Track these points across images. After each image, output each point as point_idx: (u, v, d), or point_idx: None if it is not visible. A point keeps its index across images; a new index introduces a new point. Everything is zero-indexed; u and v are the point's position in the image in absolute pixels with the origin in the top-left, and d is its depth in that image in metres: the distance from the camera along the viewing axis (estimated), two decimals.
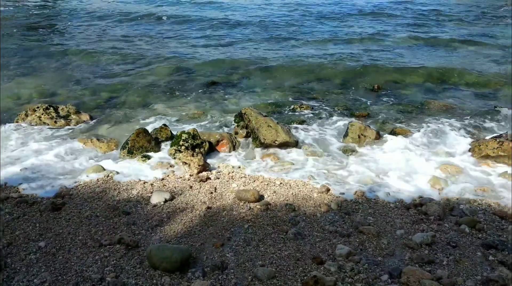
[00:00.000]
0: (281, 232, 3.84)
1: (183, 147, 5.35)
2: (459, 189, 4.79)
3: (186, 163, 5.19)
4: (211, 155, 5.68)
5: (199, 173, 5.09)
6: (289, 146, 5.85)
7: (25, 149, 5.79)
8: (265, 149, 5.81)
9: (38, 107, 6.79)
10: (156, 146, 5.81)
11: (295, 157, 5.64)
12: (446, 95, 7.99)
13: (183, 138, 5.47)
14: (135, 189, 4.71)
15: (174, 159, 5.34)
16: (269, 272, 3.21)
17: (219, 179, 4.98)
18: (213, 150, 5.78)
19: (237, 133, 6.22)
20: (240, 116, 6.44)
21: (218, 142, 5.88)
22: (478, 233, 3.85)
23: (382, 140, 6.03)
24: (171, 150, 5.45)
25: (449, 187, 4.83)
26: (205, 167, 5.24)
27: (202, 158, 5.30)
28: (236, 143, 6.00)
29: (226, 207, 4.33)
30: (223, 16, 15.47)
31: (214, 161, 5.53)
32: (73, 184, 4.83)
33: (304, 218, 4.10)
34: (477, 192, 4.72)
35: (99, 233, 3.82)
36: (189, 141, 5.44)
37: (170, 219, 4.09)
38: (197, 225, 3.97)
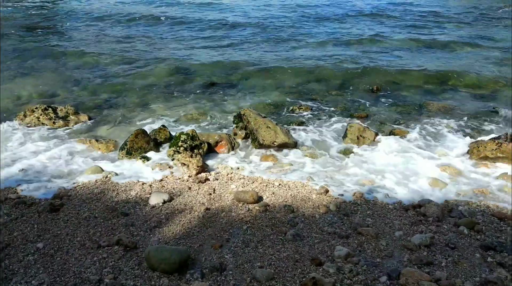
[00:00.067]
0: (280, 233, 3.84)
1: (181, 148, 5.35)
2: (458, 190, 4.80)
3: (184, 164, 5.19)
4: (210, 156, 5.68)
5: (197, 174, 5.09)
6: (288, 147, 5.86)
7: (24, 150, 5.78)
8: (264, 150, 5.81)
9: (36, 108, 6.78)
10: (155, 147, 5.80)
11: (294, 158, 5.64)
12: (445, 97, 8.00)
13: (181, 139, 5.46)
14: (133, 190, 4.70)
15: (172, 160, 5.34)
16: (268, 273, 3.21)
17: (217, 180, 4.97)
18: (212, 151, 5.78)
19: (236, 134, 6.22)
20: (239, 117, 6.44)
21: (217, 143, 5.88)
22: (476, 234, 3.85)
23: (381, 141, 6.02)
24: (169, 151, 5.44)
25: (447, 189, 4.83)
26: (204, 168, 5.24)
27: (201, 159, 5.29)
28: (235, 144, 6.00)
29: (224, 208, 4.32)
30: (222, 17, 15.47)
31: (213, 162, 5.52)
32: (71, 185, 4.83)
33: (303, 219, 4.10)
34: (475, 193, 4.72)
35: (98, 234, 3.81)
36: (188, 142, 5.43)
37: (168, 220, 4.08)
38: (195, 226, 3.97)
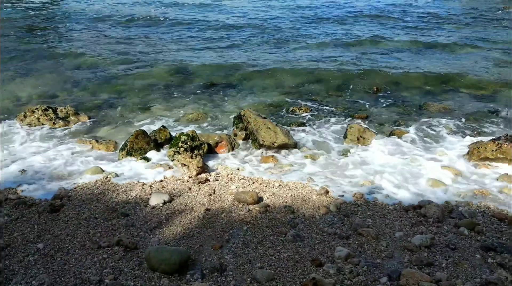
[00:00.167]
0: (280, 234, 3.84)
1: (182, 149, 5.34)
2: (458, 191, 4.80)
3: (185, 165, 5.19)
4: (210, 156, 5.68)
5: (198, 174, 5.09)
6: (288, 148, 5.86)
7: (24, 150, 5.78)
8: (264, 151, 5.81)
9: (37, 108, 6.78)
10: (155, 147, 5.80)
11: (294, 159, 5.64)
12: (445, 98, 8.00)
13: (182, 139, 5.46)
14: (134, 190, 4.70)
15: (173, 160, 5.34)
16: (268, 274, 3.20)
17: (218, 180, 4.97)
18: (212, 151, 5.78)
19: (236, 135, 6.22)
20: (239, 117, 6.44)
21: (217, 143, 5.88)
22: (477, 235, 3.85)
23: (381, 142, 6.03)
24: (170, 151, 5.44)
25: (448, 190, 4.83)
26: (204, 169, 5.24)
27: (201, 159, 5.29)
28: (235, 145, 6.00)
29: (225, 209, 4.32)
30: (222, 18, 15.48)
31: (213, 163, 5.52)
32: (71, 185, 4.83)
33: (303, 220, 4.10)
34: (476, 194, 4.72)
35: (98, 234, 3.81)
36: (188, 143, 5.43)
37: (169, 221, 4.08)
38: (196, 227, 3.97)
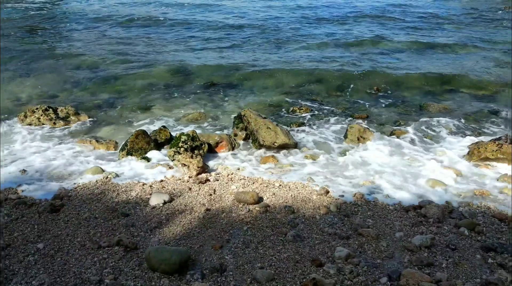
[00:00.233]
0: (280, 234, 3.84)
1: (182, 149, 5.34)
2: (458, 191, 4.80)
3: (185, 165, 5.19)
4: (210, 156, 5.68)
5: (198, 174, 5.09)
6: (288, 148, 5.86)
7: (24, 150, 5.78)
8: (265, 151, 5.80)
9: (37, 108, 6.78)
10: (155, 147, 5.80)
11: (294, 159, 5.64)
12: (445, 98, 8.00)
13: (182, 139, 5.46)
14: (134, 190, 4.70)
15: (173, 160, 5.34)
16: (268, 274, 3.20)
17: (218, 181, 4.97)
18: (212, 151, 5.78)
19: (236, 135, 6.22)
20: (239, 117, 6.44)
21: (217, 143, 5.88)
22: (477, 235, 3.85)
23: (381, 142, 6.02)
24: (170, 151, 5.44)
25: (448, 190, 4.83)
26: (204, 169, 5.24)
27: (201, 159, 5.29)
28: (235, 145, 6.00)
29: (225, 209, 4.32)
30: (222, 18, 15.48)
31: (213, 163, 5.52)
32: (72, 185, 4.83)
33: (303, 220, 4.09)
34: (476, 194, 4.71)
35: (98, 234, 3.81)
36: (188, 143, 5.43)
37: (169, 221, 4.08)
38: (196, 227, 3.96)
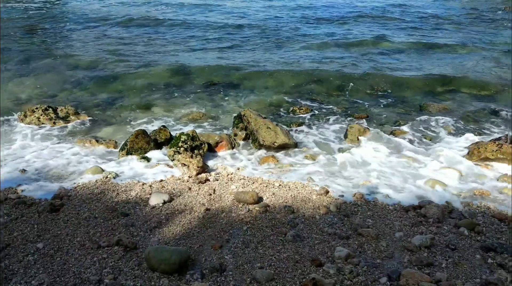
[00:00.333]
0: (280, 234, 3.83)
1: (182, 149, 5.34)
2: (458, 191, 4.79)
3: (185, 165, 5.18)
4: (210, 156, 5.68)
5: (198, 174, 5.09)
6: (288, 148, 5.86)
7: (24, 150, 5.78)
8: (264, 151, 5.80)
9: (37, 108, 6.78)
10: (155, 147, 5.80)
11: (294, 159, 5.64)
12: (445, 98, 8.01)
13: (182, 139, 5.46)
14: (133, 190, 4.69)
15: (173, 160, 5.33)
16: (268, 274, 3.20)
17: (218, 180, 4.97)
18: (212, 151, 5.78)
19: (236, 135, 6.22)
20: (239, 117, 6.44)
21: (217, 143, 5.87)
22: (477, 235, 3.85)
23: (381, 142, 6.02)
24: (170, 151, 5.44)
25: (448, 190, 4.83)
26: (204, 169, 5.24)
27: (201, 159, 5.29)
28: (235, 145, 6.00)
29: (225, 209, 4.32)
30: (222, 18, 15.50)
31: (213, 163, 5.52)
32: (71, 185, 4.82)
33: (303, 220, 4.09)
34: (476, 194, 4.71)
35: (98, 234, 3.80)
36: (188, 143, 5.43)
37: (168, 220, 4.08)
38: (195, 227, 3.96)
